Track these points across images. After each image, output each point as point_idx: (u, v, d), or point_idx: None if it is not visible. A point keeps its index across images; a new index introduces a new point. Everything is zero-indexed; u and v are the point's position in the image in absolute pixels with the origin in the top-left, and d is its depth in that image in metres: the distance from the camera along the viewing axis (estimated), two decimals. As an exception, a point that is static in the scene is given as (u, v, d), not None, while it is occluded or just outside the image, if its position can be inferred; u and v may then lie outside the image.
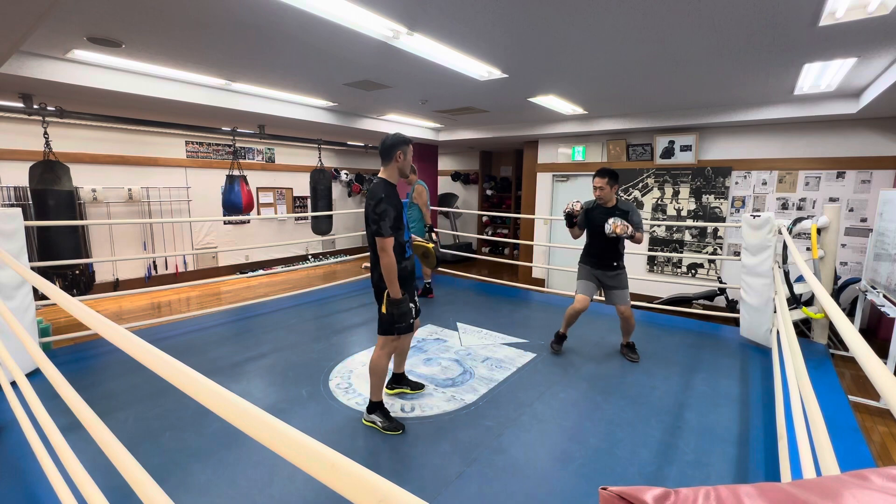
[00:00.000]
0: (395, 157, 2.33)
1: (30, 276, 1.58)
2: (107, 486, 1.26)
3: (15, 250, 2.85)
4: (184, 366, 0.79)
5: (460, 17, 2.61)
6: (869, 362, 0.87)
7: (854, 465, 2.10)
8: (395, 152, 2.32)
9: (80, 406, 1.18)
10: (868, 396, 3.48)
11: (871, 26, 2.62)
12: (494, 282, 6.05)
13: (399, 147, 2.32)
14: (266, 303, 4.95)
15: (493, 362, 3.37)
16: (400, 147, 2.33)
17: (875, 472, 0.42)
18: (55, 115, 4.15)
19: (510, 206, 9.85)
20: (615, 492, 0.41)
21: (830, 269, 3.62)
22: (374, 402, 2.49)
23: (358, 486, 0.51)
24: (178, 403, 2.61)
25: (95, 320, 1.04)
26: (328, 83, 4.32)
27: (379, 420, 2.46)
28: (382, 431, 2.43)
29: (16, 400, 1.92)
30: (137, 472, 0.89)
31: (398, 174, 2.38)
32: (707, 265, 5.97)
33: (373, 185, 2.34)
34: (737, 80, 3.93)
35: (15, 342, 2.61)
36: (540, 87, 4.39)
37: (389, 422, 2.45)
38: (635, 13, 2.50)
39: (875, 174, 4.94)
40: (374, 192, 2.29)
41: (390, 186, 2.34)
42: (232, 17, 2.65)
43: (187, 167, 7.22)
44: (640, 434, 2.42)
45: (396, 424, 2.45)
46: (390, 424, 2.44)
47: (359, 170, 10.46)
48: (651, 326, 4.31)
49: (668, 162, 6.06)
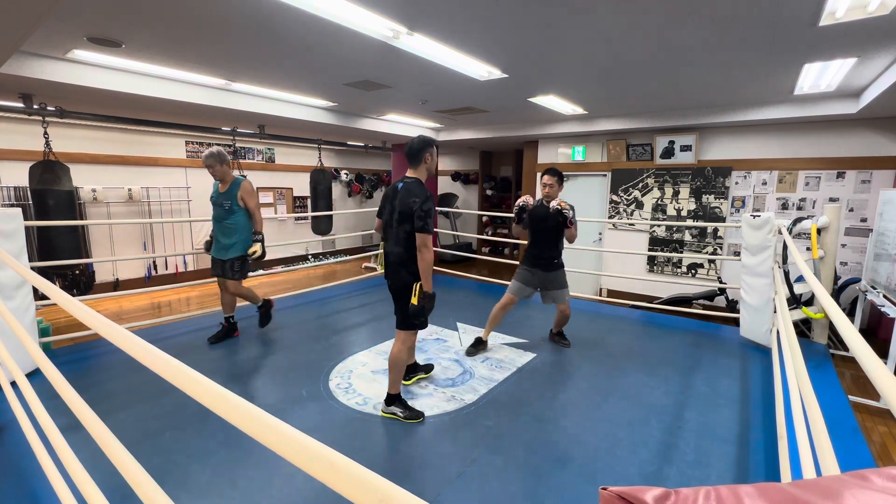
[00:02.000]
0: (424, 159, 2.49)
1: (30, 276, 1.58)
2: (107, 486, 1.26)
3: (15, 250, 2.85)
4: (184, 366, 0.79)
5: (460, 18, 2.61)
6: (869, 362, 0.87)
7: (854, 465, 2.10)
8: (423, 154, 2.48)
9: (80, 406, 1.17)
10: (868, 396, 3.48)
11: (871, 26, 2.62)
12: (494, 282, 6.04)
13: (427, 149, 2.48)
14: (266, 303, 4.94)
15: (493, 362, 3.37)
16: (428, 149, 2.48)
17: (875, 472, 0.42)
18: (55, 115, 4.15)
19: (510, 206, 9.85)
20: (615, 492, 0.41)
21: (830, 269, 3.62)
22: (393, 395, 2.58)
23: (358, 486, 0.51)
24: (178, 403, 2.61)
25: (95, 320, 1.04)
26: (328, 83, 4.32)
27: (399, 411, 2.55)
28: (404, 421, 2.52)
29: (16, 400, 1.92)
30: (137, 472, 0.89)
31: (426, 174, 2.54)
32: (707, 265, 5.97)
33: (409, 185, 2.45)
34: (737, 80, 3.94)
35: (15, 342, 2.61)
36: (540, 87, 4.39)
37: (410, 411, 2.55)
38: (635, 13, 2.50)
39: (875, 174, 4.94)
40: (414, 191, 2.40)
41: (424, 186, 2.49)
42: (232, 17, 2.66)
43: (187, 167, 7.22)
44: (640, 434, 2.42)
45: (417, 413, 2.56)
46: (411, 413, 2.55)
47: (359, 170, 10.46)
48: (651, 326, 4.32)
49: (668, 162, 6.06)
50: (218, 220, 3.46)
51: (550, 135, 6.78)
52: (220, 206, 3.43)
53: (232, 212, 3.42)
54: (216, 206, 3.46)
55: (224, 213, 3.42)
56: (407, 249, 2.44)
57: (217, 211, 3.46)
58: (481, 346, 3.55)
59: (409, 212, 2.38)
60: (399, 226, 2.45)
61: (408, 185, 2.45)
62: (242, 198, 3.45)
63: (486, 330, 3.56)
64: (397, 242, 2.48)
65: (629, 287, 6.28)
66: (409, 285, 2.46)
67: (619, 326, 4.23)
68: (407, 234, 2.42)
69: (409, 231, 2.41)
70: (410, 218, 2.38)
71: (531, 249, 3.46)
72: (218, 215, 3.46)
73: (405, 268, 2.46)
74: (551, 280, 3.42)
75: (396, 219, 2.47)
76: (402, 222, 2.43)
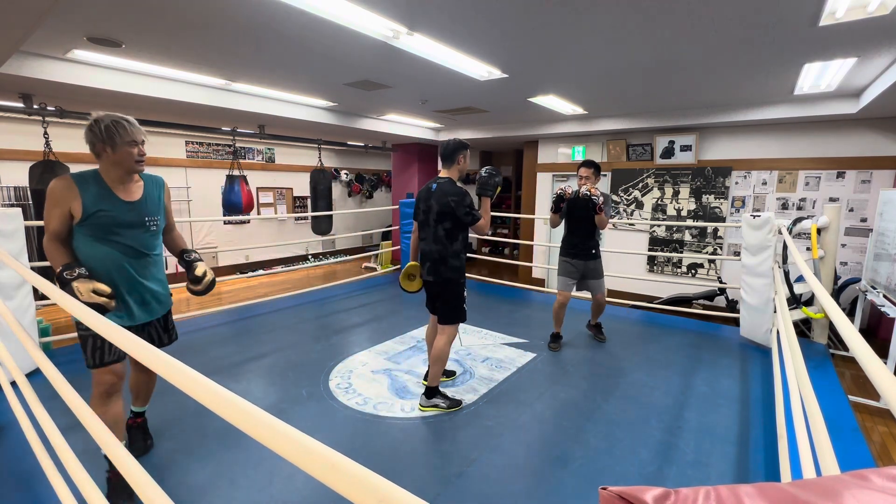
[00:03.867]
0: (458, 160, 2.62)
1: (30, 276, 1.58)
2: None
3: (15, 250, 2.85)
4: (184, 366, 0.79)
5: (460, 18, 2.61)
6: (869, 362, 0.87)
7: (854, 465, 2.10)
8: (457, 156, 2.62)
9: (80, 406, 1.18)
10: (868, 396, 3.48)
11: (871, 26, 2.62)
12: (494, 282, 6.05)
13: (461, 151, 2.62)
14: (266, 303, 4.95)
15: (493, 362, 3.37)
16: (461, 151, 2.62)
17: (875, 472, 0.42)
18: (55, 115, 4.15)
19: (510, 205, 9.85)
20: (615, 492, 0.41)
21: (830, 269, 3.62)
22: (434, 388, 2.66)
23: (358, 486, 0.51)
24: (178, 403, 2.61)
25: (95, 320, 1.04)
26: (328, 83, 4.32)
27: (442, 402, 2.65)
28: (447, 411, 2.63)
29: (16, 400, 1.91)
30: (137, 473, 0.89)
31: (458, 174, 2.65)
32: (707, 265, 5.97)
33: (442, 185, 2.57)
34: (737, 80, 3.93)
35: (15, 342, 2.61)
36: (540, 87, 4.38)
37: (450, 400, 2.68)
38: (635, 13, 2.50)
39: (875, 174, 4.94)
40: (449, 190, 2.53)
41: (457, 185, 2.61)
42: (232, 18, 2.65)
43: (187, 167, 7.22)
44: (640, 434, 2.42)
45: (457, 401, 2.70)
46: (452, 401, 2.68)
47: (359, 170, 10.46)
48: (651, 326, 4.32)
49: (668, 162, 6.06)
50: (138, 249, 1.91)
51: (550, 135, 6.78)
52: (142, 225, 1.91)
53: (159, 231, 2.03)
54: (131, 229, 1.88)
55: (148, 237, 1.96)
56: (445, 246, 2.57)
57: (132, 235, 1.89)
58: (559, 339, 3.71)
59: (448, 210, 2.52)
60: (437, 224, 2.57)
61: (441, 185, 2.58)
62: (167, 205, 2.11)
63: (556, 327, 3.71)
64: (436, 241, 2.59)
65: (629, 287, 6.27)
66: (450, 280, 2.59)
67: (619, 326, 4.23)
68: (446, 231, 2.55)
69: (448, 228, 2.54)
70: (448, 216, 2.53)
71: (570, 238, 3.58)
72: (139, 241, 1.91)
73: (444, 264, 2.58)
74: (591, 269, 3.55)
75: (434, 218, 2.58)
76: (440, 221, 2.56)
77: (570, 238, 3.57)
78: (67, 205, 1.78)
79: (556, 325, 3.70)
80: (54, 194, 1.77)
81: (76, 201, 1.78)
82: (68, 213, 1.78)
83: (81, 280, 1.73)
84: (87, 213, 1.78)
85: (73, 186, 1.78)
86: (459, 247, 2.61)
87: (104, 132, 1.79)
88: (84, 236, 1.82)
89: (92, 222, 1.80)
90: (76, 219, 1.79)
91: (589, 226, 3.47)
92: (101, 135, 1.79)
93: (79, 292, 1.69)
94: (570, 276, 3.57)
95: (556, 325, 3.69)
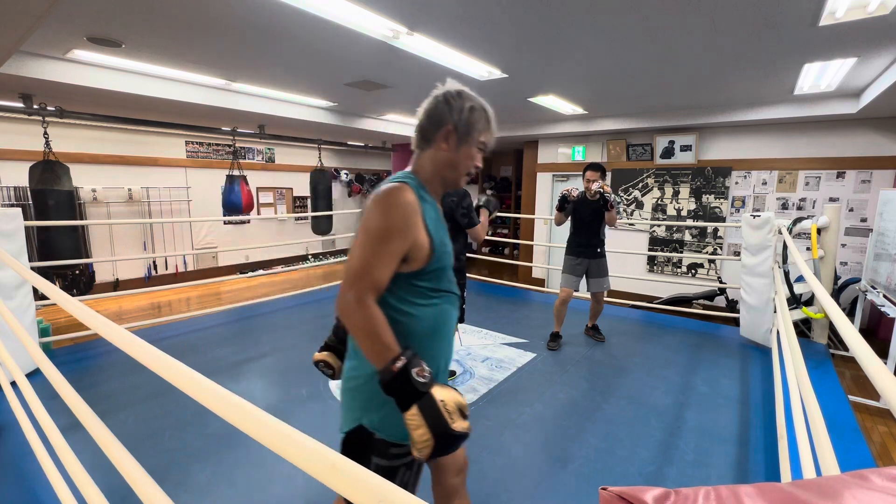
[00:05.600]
0: None
1: (30, 276, 1.58)
2: (107, 486, 1.26)
3: (15, 250, 2.85)
4: (184, 366, 0.79)
5: (460, 18, 2.61)
6: (869, 362, 0.87)
7: (854, 465, 2.10)
8: None
9: (80, 406, 1.18)
10: (868, 396, 3.48)
11: (871, 26, 2.62)
12: (494, 282, 6.05)
13: None
14: (266, 303, 4.95)
15: (493, 362, 3.37)
16: None
17: (875, 472, 0.42)
18: (55, 115, 4.15)
19: (510, 206, 9.85)
20: (615, 492, 0.41)
21: (830, 269, 3.62)
22: None
23: (358, 486, 0.51)
24: (178, 403, 2.61)
25: (95, 320, 1.04)
26: (328, 83, 4.32)
27: None
28: None
29: (16, 400, 1.92)
30: (137, 472, 0.89)
31: None
32: (707, 265, 5.97)
33: None
34: (737, 80, 3.93)
35: (15, 342, 2.61)
36: (540, 87, 4.38)
37: None
38: (635, 13, 2.50)
39: (875, 174, 4.94)
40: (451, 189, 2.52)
41: None
42: (232, 18, 2.65)
43: (187, 167, 7.22)
44: (640, 434, 2.42)
45: None
46: None
47: (359, 170, 10.46)
48: (651, 326, 4.32)
49: (668, 162, 6.06)
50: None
51: (550, 135, 6.78)
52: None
53: None
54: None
55: None
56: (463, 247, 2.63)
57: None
58: (559, 338, 3.71)
59: (449, 210, 2.53)
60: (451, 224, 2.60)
61: None
62: None
63: (557, 325, 3.72)
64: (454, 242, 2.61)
65: (629, 287, 6.27)
66: None
67: (619, 326, 4.23)
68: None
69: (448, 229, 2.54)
70: (448, 217, 2.50)
71: (576, 237, 3.63)
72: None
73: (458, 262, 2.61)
74: (597, 267, 3.59)
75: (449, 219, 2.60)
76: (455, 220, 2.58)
77: (576, 237, 3.62)
78: (413, 235, 1.04)
79: (556, 324, 3.71)
80: (400, 212, 1.02)
81: (422, 231, 1.05)
82: (404, 251, 1.04)
83: (442, 388, 0.97)
84: (437, 251, 1.09)
85: (417, 204, 1.06)
86: (459, 248, 2.61)
87: (468, 113, 1.14)
88: (417, 290, 1.09)
89: (436, 266, 1.10)
90: (414, 262, 1.06)
91: (594, 224, 3.53)
92: (460, 115, 1.13)
93: (447, 414, 0.93)
94: (574, 274, 3.61)
95: (557, 323, 3.71)
